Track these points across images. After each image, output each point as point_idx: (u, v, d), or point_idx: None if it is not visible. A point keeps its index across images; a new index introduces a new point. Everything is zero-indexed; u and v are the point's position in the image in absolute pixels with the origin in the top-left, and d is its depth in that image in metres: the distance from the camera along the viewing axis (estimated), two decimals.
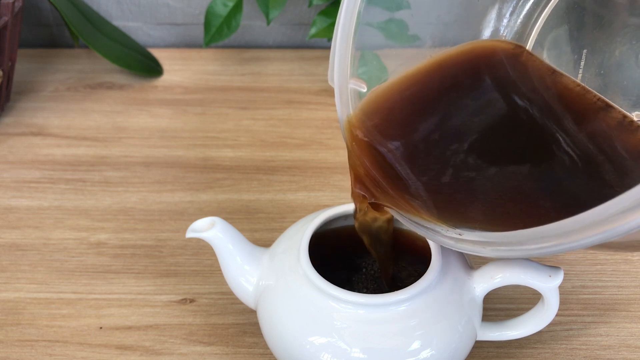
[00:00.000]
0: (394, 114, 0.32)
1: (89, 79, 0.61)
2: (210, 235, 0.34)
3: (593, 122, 0.31)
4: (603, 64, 0.33)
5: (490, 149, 0.31)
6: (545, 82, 0.33)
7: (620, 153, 0.29)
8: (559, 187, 0.29)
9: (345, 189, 0.49)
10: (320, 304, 0.31)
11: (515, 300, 0.40)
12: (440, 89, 0.33)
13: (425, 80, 0.33)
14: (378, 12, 0.34)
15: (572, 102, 0.31)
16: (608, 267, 0.43)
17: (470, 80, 0.33)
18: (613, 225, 0.19)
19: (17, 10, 0.52)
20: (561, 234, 0.21)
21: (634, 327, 0.39)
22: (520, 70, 0.34)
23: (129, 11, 0.65)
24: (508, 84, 0.33)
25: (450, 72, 0.33)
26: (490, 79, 0.33)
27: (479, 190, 0.29)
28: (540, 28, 0.36)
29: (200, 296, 0.41)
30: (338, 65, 0.32)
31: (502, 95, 0.32)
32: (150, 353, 0.38)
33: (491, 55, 0.34)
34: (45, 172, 0.50)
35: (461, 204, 0.29)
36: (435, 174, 0.31)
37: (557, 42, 0.35)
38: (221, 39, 0.58)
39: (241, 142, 0.54)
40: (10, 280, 0.42)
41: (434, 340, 0.31)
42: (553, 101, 0.32)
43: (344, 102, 0.32)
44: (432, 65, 0.33)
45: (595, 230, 0.20)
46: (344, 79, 0.32)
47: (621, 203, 0.19)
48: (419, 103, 0.32)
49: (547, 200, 0.28)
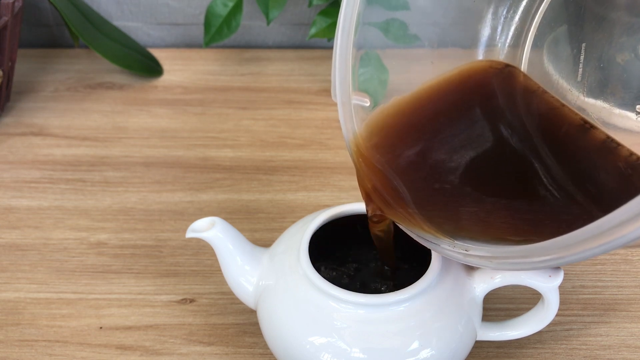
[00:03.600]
0: (397, 136, 0.34)
1: (89, 79, 0.61)
2: (210, 235, 0.34)
3: (578, 142, 0.32)
4: (602, 58, 0.33)
5: (483, 174, 0.33)
6: (534, 105, 0.34)
7: (606, 171, 0.31)
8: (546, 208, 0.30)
9: (345, 189, 0.49)
10: (320, 304, 0.31)
11: (515, 300, 0.40)
12: (438, 114, 0.35)
13: (425, 105, 0.34)
14: (377, 12, 0.34)
15: (559, 124, 0.33)
16: (608, 267, 0.43)
17: (466, 107, 0.35)
18: (612, 237, 0.20)
19: (17, 10, 0.52)
20: (562, 248, 0.22)
21: (634, 327, 0.39)
22: (512, 95, 0.35)
23: (129, 11, 0.65)
24: (500, 111, 0.34)
25: (448, 99, 0.35)
26: (483, 107, 0.35)
27: (472, 210, 0.31)
28: (538, 25, 0.36)
29: (200, 296, 0.41)
30: (339, 83, 0.33)
31: (494, 122, 0.34)
32: (150, 353, 0.38)
33: (485, 83, 0.36)
34: (45, 172, 0.50)
35: (459, 219, 0.31)
36: (432, 192, 0.32)
37: (555, 38, 0.35)
38: (221, 39, 0.58)
39: (241, 142, 0.54)
40: (10, 280, 0.42)
41: (434, 340, 0.31)
42: (541, 125, 0.34)
43: (347, 118, 0.33)
44: (433, 89, 0.35)
45: (594, 243, 0.21)
46: (346, 96, 0.33)
47: (619, 215, 0.20)
48: (419, 127, 0.34)
49: (537, 215, 0.30)
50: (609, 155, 0.31)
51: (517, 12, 0.36)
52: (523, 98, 0.35)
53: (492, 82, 0.36)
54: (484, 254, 0.26)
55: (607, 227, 0.20)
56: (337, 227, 0.36)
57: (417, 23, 0.36)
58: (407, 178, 0.32)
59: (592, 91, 0.33)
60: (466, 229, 0.30)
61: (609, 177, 0.31)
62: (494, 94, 0.35)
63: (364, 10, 0.32)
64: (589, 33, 0.33)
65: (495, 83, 0.36)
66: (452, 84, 0.35)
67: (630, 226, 0.19)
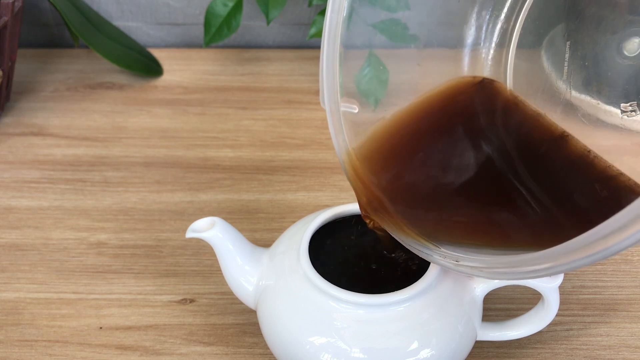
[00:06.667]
0: (387, 153, 0.35)
1: (89, 79, 0.61)
2: (210, 235, 0.34)
3: (556, 155, 0.33)
4: (587, 56, 0.33)
5: (467, 187, 0.34)
6: (515, 120, 0.35)
7: (582, 185, 0.31)
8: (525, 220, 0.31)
9: (345, 189, 0.49)
10: (320, 304, 0.31)
11: (515, 300, 0.40)
12: (426, 132, 0.36)
13: (413, 123, 0.36)
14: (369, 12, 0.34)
15: (538, 137, 0.34)
16: (608, 267, 0.43)
17: (449, 126, 0.36)
18: (598, 248, 0.20)
19: (17, 10, 0.52)
20: (551, 258, 0.23)
21: (634, 327, 0.39)
22: (493, 112, 0.36)
23: (129, 11, 0.65)
24: (481, 129, 0.36)
25: (435, 117, 0.36)
26: (465, 126, 0.36)
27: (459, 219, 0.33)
28: (522, 26, 0.36)
29: (200, 296, 0.41)
30: (327, 90, 0.33)
31: (476, 140, 0.35)
32: (150, 353, 0.38)
33: (467, 101, 0.37)
34: (45, 172, 0.50)
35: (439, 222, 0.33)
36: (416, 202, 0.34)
37: (540, 37, 0.35)
38: (221, 39, 0.58)
39: (241, 142, 0.54)
40: (10, 280, 0.42)
41: (434, 340, 0.31)
42: (520, 140, 0.35)
43: (336, 125, 0.34)
44: (420, 107, 0.36)
45: (582, 254, 0.21)
46: (334, 103, 0.34)
47: (606, 227, 0.20)
48: (408, 144, 0.35)
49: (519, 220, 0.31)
50: (587, 168, 0.31)
51: (500, 14, 0.36)
52: (504, 114, 0.36)
53: (473, 100, 0.37)
54: (475, 265, 0.27)
55: (592, 240, 0.20)
56: (337, 227, 0.36)
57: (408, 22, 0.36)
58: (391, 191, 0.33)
59: (578, 89, 0.33)
60: (447, 233, 0.31)
61: (584, 190, 0.31)
62: (475, 114, 0.36)
63: (352, 11, 0.33)
64: (573, 31, 0.34)
65: (477, 101, 0.37)
66: (435, 103, 0.36)
67: (616, 237, 0.20)
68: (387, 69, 0.36)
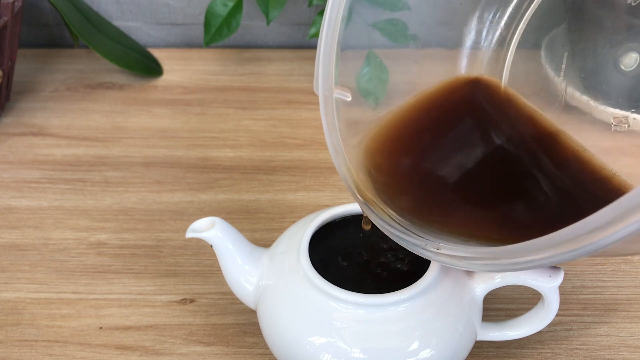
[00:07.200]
0: (392, 149, 0.35)
1: (89, 79, 0.61)
2: (210, 235, 0.34)
3: (550, 152, 0.33)
4: (584, 68, 0.33)
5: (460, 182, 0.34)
6: (511, 116, 0.35)
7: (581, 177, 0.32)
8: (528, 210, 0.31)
9: (345, 188, 0.49)
10: (320, 304, 0.31)
11: (515, 300, 0.40)
12: (419, 130, 0.36)
13: (414, 119, 0.36)
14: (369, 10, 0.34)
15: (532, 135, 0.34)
16: (608, 267, 0.43)
17: (453, 120, 0.36)
18: (580, 244, 0.20)
19: (17, 10, 0.52)
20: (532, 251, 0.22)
21: (634, 327, 0.39)
22: (495, 107, 0.36)
23: (129, 11, 0.65)
24: (485, 124, 0.36)
25: (430, 115, 0.36)
26: (468, 120, 0.36)
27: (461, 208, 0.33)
28: (522, 33, 0.36)
29: (200, 296, 0.41)
30: (322, 77, 0.33)
31: (479, 134, 0.35)
32: (150, 353, 0.38)
33: (464, 97, 0.37)
34: (45, 172, 0.50)
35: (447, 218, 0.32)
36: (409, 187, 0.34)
37: (539, 43, 0.36)
38: (221, 39, 0.58)
39: (241, 142, 0.54)
40: (10, 280, 0.42)
41: (434, 340, 0.31)
42: (515, 135, 0.35)
43: (328, 111, 0.34)
44: (415, 105, 0.36)
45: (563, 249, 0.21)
46: (328, 90, 0.34)
47: (593, 221, 0.20)
48: (410, 142, 0.35)
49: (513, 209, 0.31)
50: (581, 165, 0.31)
51: (501, 20, 0.36)
52: (498, 110, 0.36)
53: (468, 96, 0.37)
54: (455, 254, 0.27)
55: (573, 235, 0.20)
56: (337, 227, 0.36)
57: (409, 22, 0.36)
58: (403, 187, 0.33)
59: (573, 97, 0.34)
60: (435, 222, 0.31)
61: (577, 187, 0.31)
62: (470, 110, 0.36)
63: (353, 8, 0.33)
64: (571, 42, 0.34)
65: (472, 97, 0.37)
66: (430, 101, 0.36)
67: (599, 234, 0.20)
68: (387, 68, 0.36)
